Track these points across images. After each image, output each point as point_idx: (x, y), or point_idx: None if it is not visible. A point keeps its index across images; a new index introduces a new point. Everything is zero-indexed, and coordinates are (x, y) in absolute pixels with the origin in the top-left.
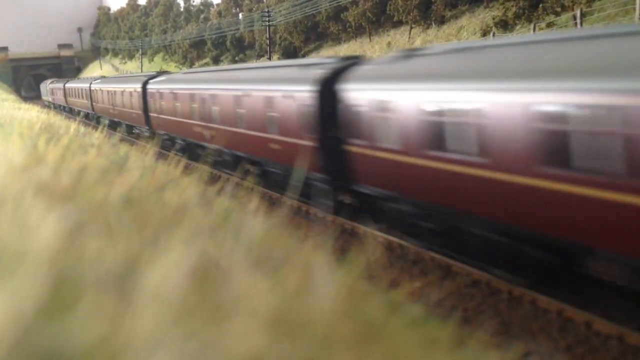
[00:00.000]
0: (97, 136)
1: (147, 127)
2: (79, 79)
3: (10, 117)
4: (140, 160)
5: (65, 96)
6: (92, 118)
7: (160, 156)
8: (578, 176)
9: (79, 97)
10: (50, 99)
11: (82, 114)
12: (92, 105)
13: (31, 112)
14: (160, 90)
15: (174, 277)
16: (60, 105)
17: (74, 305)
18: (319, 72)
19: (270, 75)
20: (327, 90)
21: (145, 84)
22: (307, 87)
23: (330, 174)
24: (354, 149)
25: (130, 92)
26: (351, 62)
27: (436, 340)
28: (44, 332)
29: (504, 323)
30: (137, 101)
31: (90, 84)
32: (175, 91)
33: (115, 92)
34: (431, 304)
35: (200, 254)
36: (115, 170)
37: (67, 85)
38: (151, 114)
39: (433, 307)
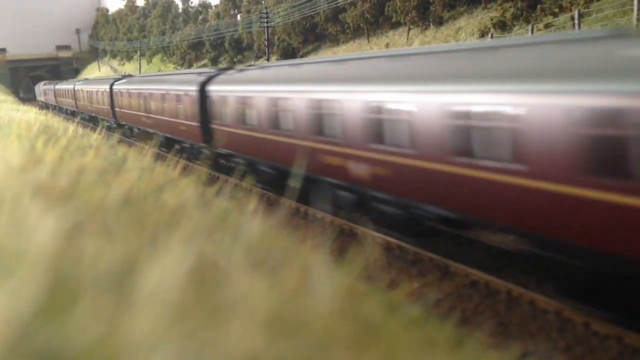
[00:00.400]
0: (95, 137)
1: (114, 120)
2: (67, 81)
3: (8, 119)
4: (139, 161)
5: (55, 96)
6: (76, 114)
7: (159, 157)
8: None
9: (65, 97)
10: (43, 99)
11: (69, 111)
12: (75, 103)
13: (29, 114)
14: (121, 90)
15: (172, 278)
16: (51, 105)
17: (72, 306)
18: (200, 78)
19: (180, 79)
20: (203, 90)
21: (112, 85)
22: (193, 88)
23: (207, 143)
24: (214, 126)
25: (102, 92)
26: (219, 72)
27: (435, 341)
28: (42, 333)
29: (503, 323)
30: (107, 99)
31: (74, 85)
32: (130, 91)
33: (91, 92)
34: (429, 304)
35: (199, 254)
36: (113, 171)
37: (57, 87)
38: (116, 109)
39: (431, 307)
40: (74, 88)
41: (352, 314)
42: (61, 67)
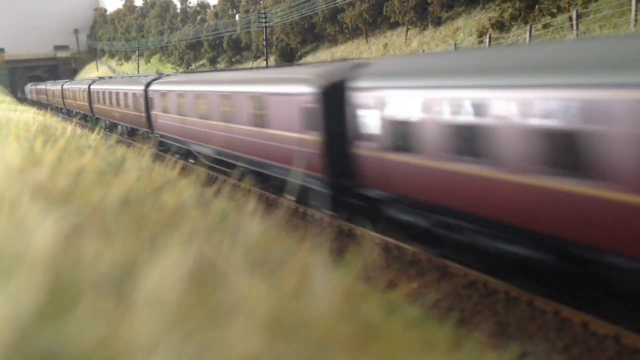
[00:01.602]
0: (93, 138)
1: (92, 114)
2: (45, 82)
3: (6, 119)
4: (137, 162)
5: (37, 94)
6: (52, 108)
7: (158, 158)
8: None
9: (44, 94)
10: (29, 97)
11: (51, 107)
12: (60, 100)
13: (28, 114)
14: (97, 90)
15: (172, 279)
16: (35, 100)
17: (71, 308)
18: (145, 79)
19: (134, 80)
20: (147, 89)
21: (90, 85)
22: (140, 87)
23: (151, 129)
24: (153, 114)
25: (83, 91)
26: (159, 76)
27: (433, 341)
28: (42, 334)
29: (501, 324)
30: (85, 97)
31: (47, 86)
32: (103, 90)
33: (71, 90)
34: (428, 305)
35: (198, 255)
36: (112, 172)
37: (38, 87)
38: (93, 105)
39: (430, 308)
40: (46, 87)
41: (351, 314)
42: (59, 68)
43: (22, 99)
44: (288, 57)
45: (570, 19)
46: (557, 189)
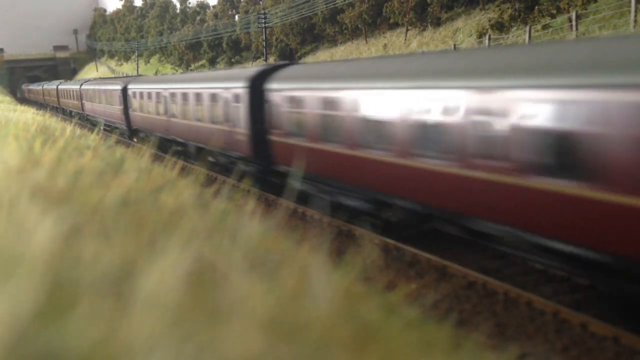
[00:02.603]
0: (93, 138)
1: (83, 112)
2: (42, 82)
3: (5, 119)
4: (137, 163)
5: (29, 93)
6: (42, 105)
7: (157, 158)
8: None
9: (35, 94)
10: (26, 96)
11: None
12: (43, 98)
13: (27, 114)
14: (87, 90)
15: (171, 280)
16: (29, 99)
17: (70, 309)
18: (124, 80)
19: (113, 81)
20: (126, 88)
21: (81, 85)
22: (119, 87)
23: (127, 124)
24: (131, 112)
25: (75, 90)
26: (135, 77)
27: (432, 342)
28: (41, 335)
29: (500, 325)
30: (77, 96)
31: (43, 86)
32: (92, 90)
33: (65, 90)
34: (427, 305)
35: (197, 256)
36: (111, 172)
37: (30, 87)
38: (84, 102)
39: (429, 309)
40: (42, 87)
41: (350, 315)
42: (58, 68)
43: (22, 99)
44: (287, 58)
45: (570, 19)
46: (365, 157)
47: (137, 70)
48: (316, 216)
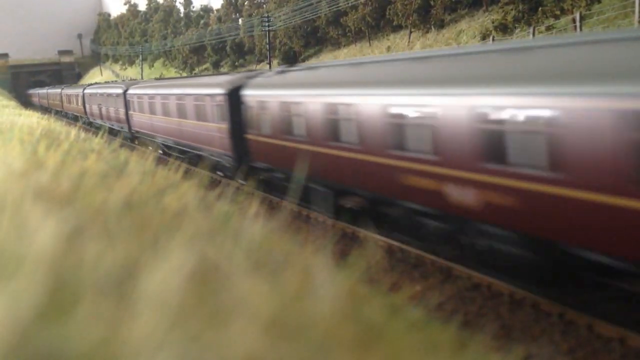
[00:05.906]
0: (97, 142)
1: (86, 116)
2: (41, 88)
3: (10, 123)
4: (140, 165)
5: (31, 97)
6: (44, 108)
7: (160, 161)
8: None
9: (37, 97)
10: (29, 100)
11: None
12: (47, 102)
13: (32, 118)
14: (89, 94)
15: (174, 281)
16: (33, 103)
17: (72, 309)
18: (124, 84)
19: (115, 85)
20: (126, 92)
21: (84, 90)
22: (120, 90)
23: (129, 127)
24: (130, 113)
25: (78, 95)
26: (133, 82)
27: (437, 344)
28: (43, 335)
29: (505, 326)
30: (80, 100)
31: (47, 90)
32: (95, 94)
33: (68, 94)
34: (432, 307)
35: (200, 257)
36: (115, 174)
37: (34, 91)
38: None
39: (434, 310)
40: (45, 91)
41: (353, 317)
42: (63, 72)
43: (26, 104)
44: (291, 61)
45: (574, 20)
46: (312, 150)
47: (142, 74)
48: (320, 218)
